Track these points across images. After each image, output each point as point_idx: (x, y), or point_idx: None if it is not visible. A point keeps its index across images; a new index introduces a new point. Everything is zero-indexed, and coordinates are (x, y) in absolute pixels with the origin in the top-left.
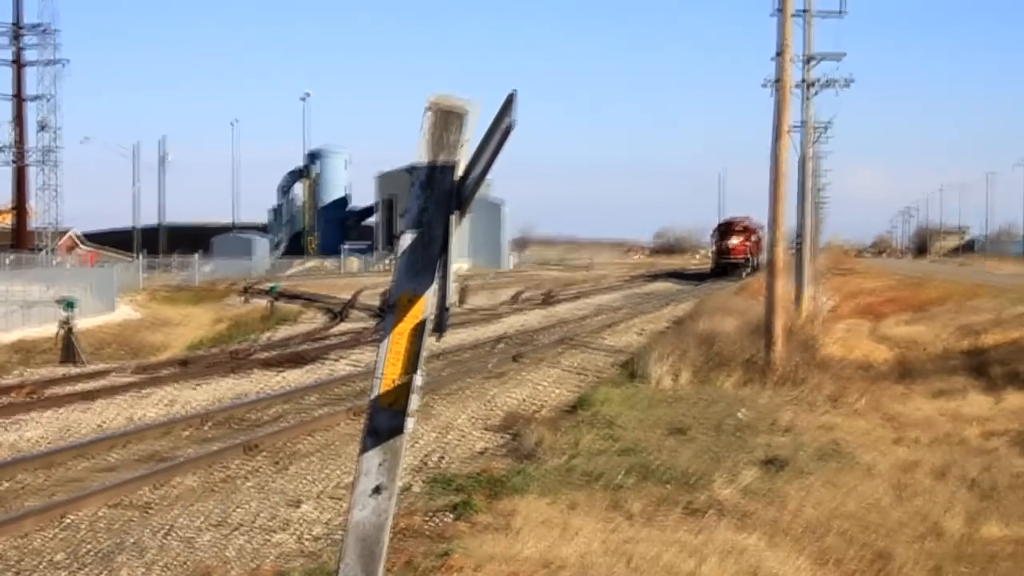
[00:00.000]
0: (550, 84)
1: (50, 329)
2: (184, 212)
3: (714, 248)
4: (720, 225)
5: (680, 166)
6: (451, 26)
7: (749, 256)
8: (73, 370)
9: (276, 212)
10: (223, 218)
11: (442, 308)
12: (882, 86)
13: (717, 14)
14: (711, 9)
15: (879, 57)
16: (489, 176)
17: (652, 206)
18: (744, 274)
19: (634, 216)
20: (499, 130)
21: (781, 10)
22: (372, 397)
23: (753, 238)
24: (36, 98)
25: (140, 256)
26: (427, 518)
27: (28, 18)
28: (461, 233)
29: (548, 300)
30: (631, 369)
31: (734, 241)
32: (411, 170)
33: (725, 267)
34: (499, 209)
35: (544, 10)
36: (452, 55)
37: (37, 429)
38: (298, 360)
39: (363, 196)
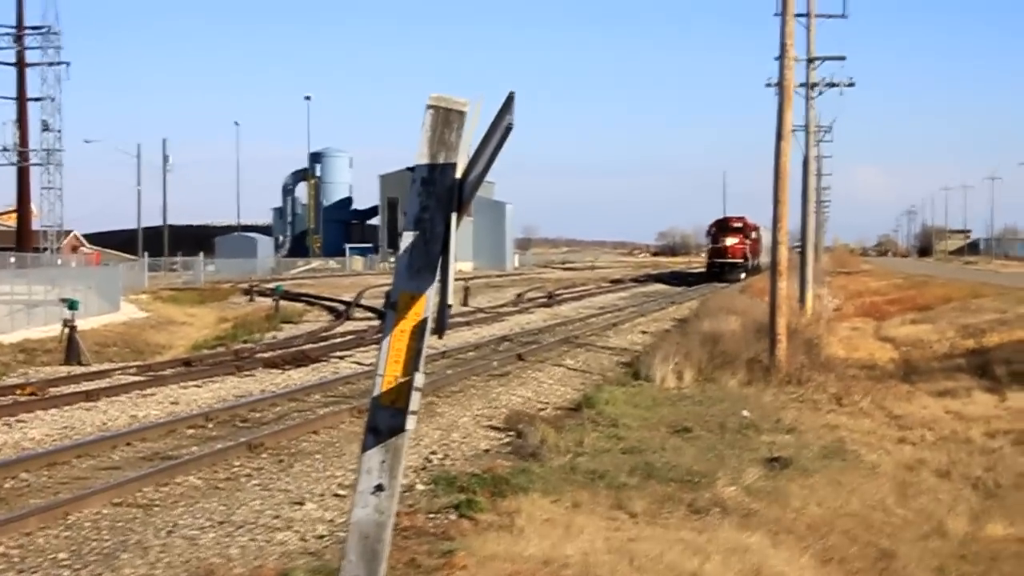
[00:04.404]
0: (553, 85)
1: (54, 329)
2: (187, 213)
3: (709, 248)
4: (715, 224)
5: (683, 167)
6: (453, 27)
7: (746, 256)
8: (77, 370)
9: (279, 212)
10: (226, 219)
11: (443, 307)
12: (884, 88)
13: (722, 14)
14: (715, 9)
15: (881, 59)
16: (492, 177)
17: (655, 207)
18: (741, 276)
19: (637, 217)
20: (499, 129)
21: (783, 12)
22: (373, 395)
23: (751, 238)
24: (38, 99)
25: (144, 256)
26: (430, 517)
27: (30, 20)
28: (464, 234)
29: (552, 300)
30: (635, 368)
31: (730, 241)
32: (412, 169)
33: (721, 268)
34: (503, 210)
35: (546, 11)
36: (454, 56)
37: (40, 428)
38: (302, 359)
39: (366, 197)
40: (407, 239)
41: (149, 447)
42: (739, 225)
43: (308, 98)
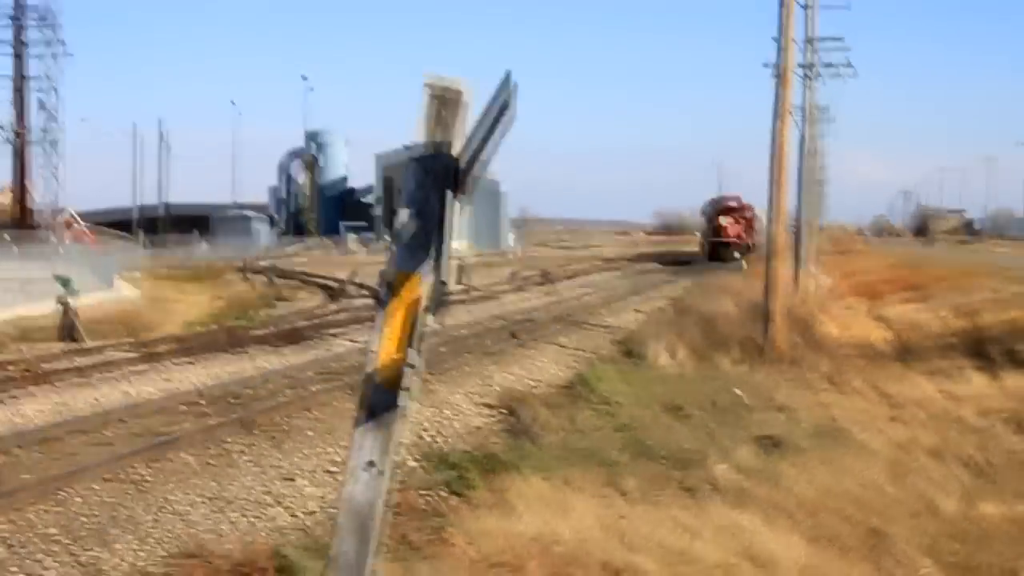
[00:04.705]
0: (549, 67)
1: (49, 307)
2: (184, 193)
3: (704, 229)
4: (710, 203)
5: (680, 149)
6: (451, 8)
7: (742, 237)
8: (71, 347)
9: (276, 193)
10: (223, 199)
11: (438, 286)
12: (881, 70)
13: None
14: None
15: (875, 40)
16: (488, 158)
17: (652, 189)
18: (736, 257)
19: (634, 197)
20: (495, 109)
21: None
22: (366, 372)
23: (746, 218)
24: (36, 79)
25: (140, 236)
26: (422, 494)
27: (29, 1)
28: (460, 214)
29: (547, 280)
30: (629, 347)
31: (726, 221)
32: (409, 149)
33: (716, 249)
34: (499, 191)
35: None
36: (451, 37)
37: (34, 405)
38: (296, 338)
39: (363, 176)
40: (403, 218)
41: (142, 424)
42: (735, 205)
43: (305, 78)
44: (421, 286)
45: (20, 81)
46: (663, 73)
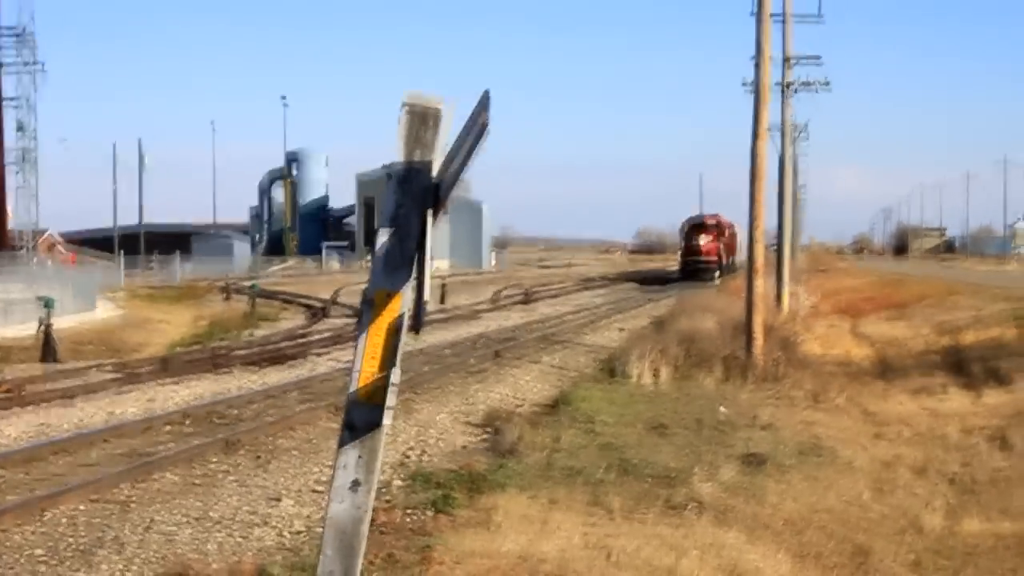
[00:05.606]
0: (529, 85)
1: (30, 328)
2: (164, 213)
3: (681, 248)
4: (688, 222)
5: (660, 166)
6: (429, 26)
7: (721, 256)
8: (53, 368)
9: (256, 212)
10: (203, 219)
11: (419, 304)
12: (858, 88)
13: (697, 13)
14: (691, 8)
15: (855, 59)
16: (468, 176)
17: (632, 206)
18: (715, 276)
19: (614, 216)
20: (475, 128)
21: (759, 13)
22: (349, 391)
23: (725, 236)
24: (13, 99)
25: (120, 256)
26: (407, 514)
27: (5, 21)
28: (441, 233)
29: (529, 299)
30: (612, 366)
31: (703, 240)
32: (388, 168)
33: (694, 269)
34: (479, 209)
35: (522, 11)
36: (430, 55)
37: (17, 426)
38: (278, 358)
39: (343, 196)
40: (383, 237)
41: (126, 444)
42: (713, 223)
43: (284, 99)
44: (402, 304)
45: None
46: (645, 89)
